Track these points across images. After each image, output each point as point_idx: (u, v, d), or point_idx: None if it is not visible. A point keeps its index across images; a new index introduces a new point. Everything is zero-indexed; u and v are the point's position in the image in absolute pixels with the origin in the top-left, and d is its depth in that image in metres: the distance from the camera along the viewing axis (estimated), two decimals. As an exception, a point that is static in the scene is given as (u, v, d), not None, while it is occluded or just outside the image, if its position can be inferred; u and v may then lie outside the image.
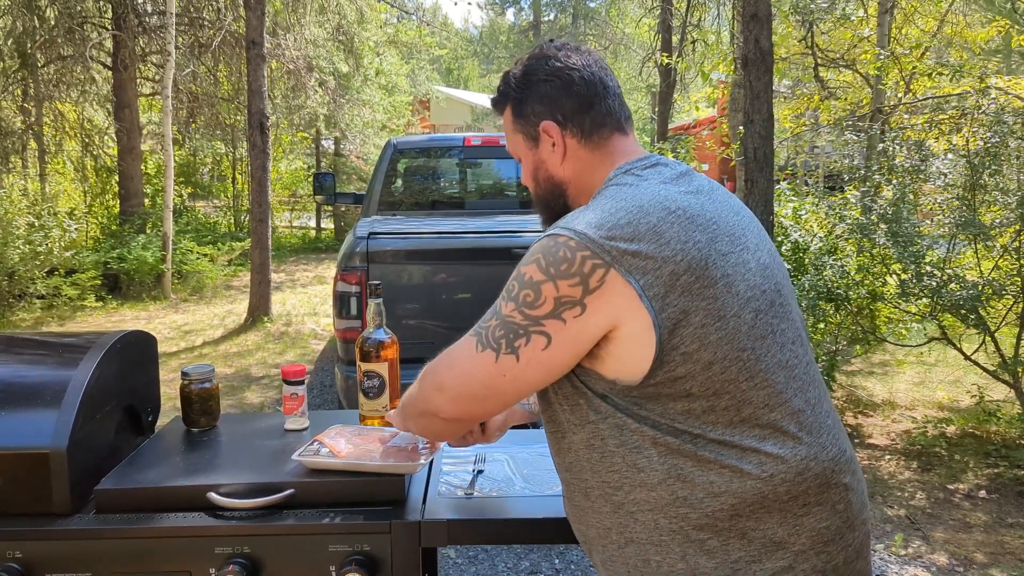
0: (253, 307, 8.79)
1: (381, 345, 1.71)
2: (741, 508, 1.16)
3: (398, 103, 17.61)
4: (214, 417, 1.78)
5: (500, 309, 1.21)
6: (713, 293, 1.16)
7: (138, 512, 1.44)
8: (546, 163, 1.36)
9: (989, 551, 3.48)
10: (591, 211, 1.21)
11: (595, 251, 1.14)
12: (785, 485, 1.17)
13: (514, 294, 1.19)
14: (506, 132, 1.43)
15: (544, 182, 1.38)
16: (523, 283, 1.18)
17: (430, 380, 1.29)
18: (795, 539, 1.17)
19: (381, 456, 1.49)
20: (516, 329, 1.18)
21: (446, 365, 1.26)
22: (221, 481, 1.46)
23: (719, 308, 1.16)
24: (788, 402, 1.20)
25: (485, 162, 5.97)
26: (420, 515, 1.43)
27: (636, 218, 1.17)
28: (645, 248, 1.14)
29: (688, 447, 1.16)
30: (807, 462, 1.19)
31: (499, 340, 1.19)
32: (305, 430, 1.74)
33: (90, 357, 1.55)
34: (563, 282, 1.15)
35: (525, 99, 1.36)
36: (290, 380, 1.75)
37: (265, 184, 8.61)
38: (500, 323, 1.20)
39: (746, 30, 4.97)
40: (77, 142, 12.87)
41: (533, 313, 1.17)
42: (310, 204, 17.14)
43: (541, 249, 1.19)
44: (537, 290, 1.17)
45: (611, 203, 1.21)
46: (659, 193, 1.22)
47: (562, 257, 1.15)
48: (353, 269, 3.73)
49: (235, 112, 13.70)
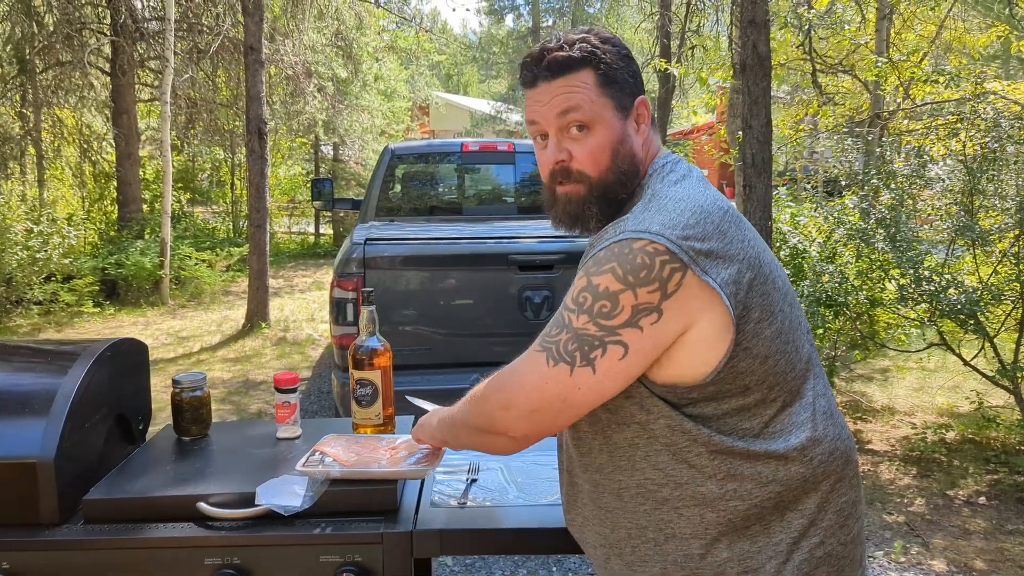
0: (251, 313, 8.77)
1: (374, 353, 1.69)
2: (786, 494, 1.20)
3: (397, 109, 17.62)
4: (205, 425, 1.76)
5: (570, 322, 1.17)
6: (765, 289, 1.19)
7: (127, 522, 1.42)
8: (631, 139, 1.30)
9: (989, 558, 3.46)
10: (657, 212, 1.18)
11: (674, 253, 1.12)
12: (823, 466, 1.22)
13: (587, 306, 1.15)
14: (582, 95, 1.27)
15: (625, 158, 1.29)
16: (598, 294, 1.15)
17: (495, 399, 1.23)
18: (823, 515, 1.22)
19: (389, 462, 1.47)
20: (591, 341, 1.15)
21: (513, 383, 1.21)
22: (211, 491, 1.45)
23: (770, 304, 1.20)
24: (815, 388, 1.26)
25: (483, 168, 5.96)
26: (412, 525, 1.41)
27: (702, 218, 1.17)
28: (716, 247, 1.15)
29: (739, 444, 1.19)
30: (835, 442, 1.25)
31: (572, 353, 1.16)
32: (297, 439, 1.73)
33: (79, 365, 1.54)
34: (642, 289, 1.13)
35: (619, 68, 1.29)
36: (282, 388, 1.73)
37: (263, 190, 8.60)
38: (572, 336, 1.16)
39: (744, 36, 4.96)
40: (75, 148, 12.86)
41: (609, 323, 1.14)
42: (309, 210, 17.13)
43: (615, 257, 1.15)
44: (614, 300, 1.14)
45: (672, 203, 1.19)
46: (708, 193, 1.23)
47: (641, 264, 1.13)
48: (350, 275, 3.71)
49: (234, 118, 13.69)
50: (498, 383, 1.23)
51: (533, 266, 3.79)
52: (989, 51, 10.99)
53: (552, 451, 1.77)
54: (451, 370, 3.77)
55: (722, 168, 16.30)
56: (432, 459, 1.47)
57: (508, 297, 3.77)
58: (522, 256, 3.80)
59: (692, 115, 14.74)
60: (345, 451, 1.51)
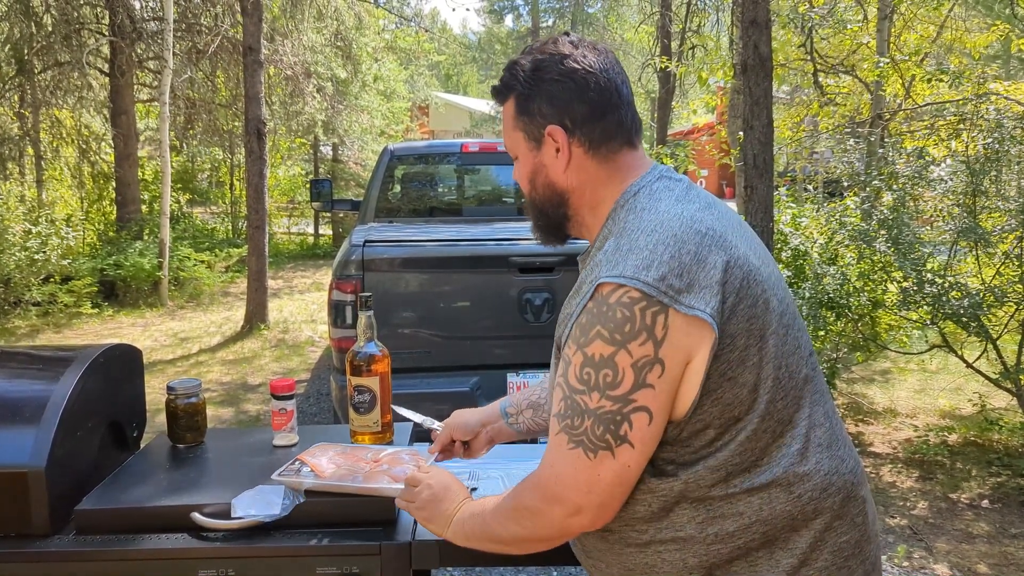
0: (250, 314, 8.74)
1: (372, 359, 1.66)
2: (772, 533, 1.15)
3: (396, 109, 17.58)
4: (201, 433, 1.73)
5: (585, 404, 1.11)
6: (754, 312, 1.13)
7: (119, 533, 1.39)
8: (547, 168, 1.28)
9: (993, 562, 3.43)
10: (629, 252, 1.12)
11: (651, 296, 1.07)
12: (813, 503, 1.16)
13: (593, 382, 1.10)
14: (505, 126, 1.33)
15: (542, 188, 1.30)
16: (596, 365, 1.10)
17: (557, 510, 1.16)
18: (818, 555, 1.16)
19: (366, 477, 1.44)
20: (613, 418, 1.10)
21: (568, 487, 1.14)
22: (206, 500, 1.42)
23: (760, 327, 1.14)
24: (812, 417, 1.19)
25: (483, 169, 5.93)
26: (411, 536, 1.38)
27: (677, 250, 1.11)
28: (695, 278, 1.10)
29: (719, 487, 1.14)
30: (830, 477, 1.17)
31: (604, 438, 1.11)
32: (294, 446, 1.70)
33: (72, 371, 1.51)
34: (633, 344, 1.08)
35: (532, 96, 1.25)
36: (279, 395, 1.70)
37: (262, 190, 8.57)
38: (595, 420, 1.11)
39: (745, 36, 4.93)
40: (74, 148, 12.83)
41: (620, 393, 1.09)
42: (308, 210, 17.09)
43: (597, 320, 1.10)
44: (613, 366, 1.09)
45: (644, 237, 1.13)
46: (683, 215, 1.16)
47: (622, 318, 1.08)
48: (348, 277, 3.68)
49: (233, 118, 13.66)
50: (547, 491, 1.16)
51: (533, 268, 3.76)
52: (989, 51, 10.96)
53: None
54: (451, 373, 3.74)
55: (723, 169, 16.28)
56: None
57: (508, 299, 3.74)
58: (522, 258, 3.77)
59: (692, 115, 14.72)
60: (328, 461, 1.48)
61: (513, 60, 1.31)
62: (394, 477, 1.43)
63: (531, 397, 1.60)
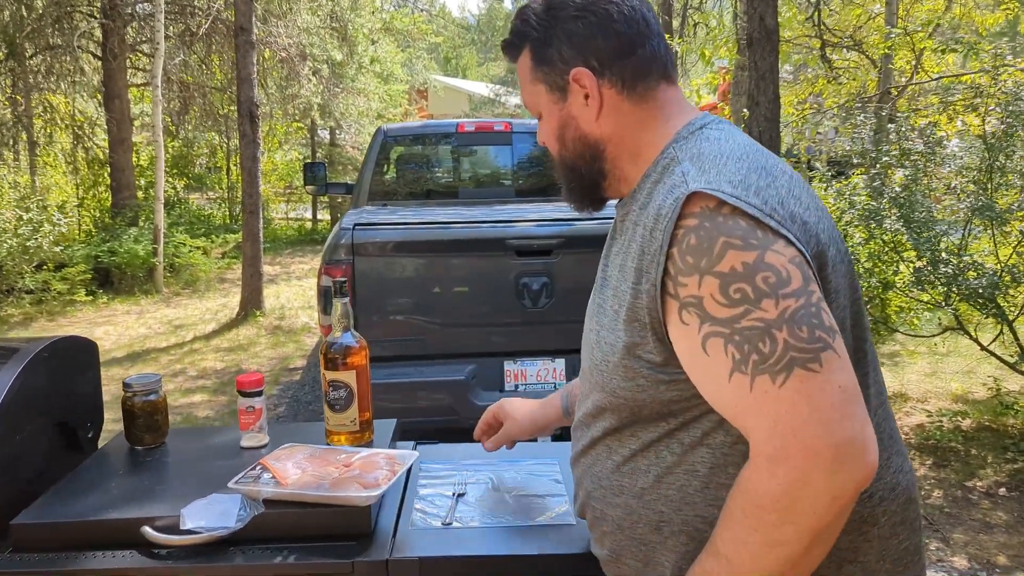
0: (245, 301, 8.60)
1: (348, 351, 1.50)
2: (842, 539, 0.95)
3: (394, 92, 17.35)
4: (161, 433, 1.58)
5: (762, 320, 0.86)
6: (847, 270, 1.00)
7: (61, 551, 1.24)
8: (577, 119, 1.10)
9: (1012, 553, 3.29)
10: (719, 173, 0.94)
11: (759, 219, 0.90)
12: (883, 504, 1.00)
13: (755, 291, 0.86)
14: (522, 82, 1.16)
15: (573, 143, 1.11)
16: (743, 274, 0.87)
17: (820, 478, 0.83)
18: (879, 565, 1.00)
19: (333, 484, 1.28)
20: (808, 312, 0.86)
21: (819, 433, 0.83)
22: (160, 512, 1.26)
23: (853, 287, 1.00)
24: (883, 405, 1.04)
25: (480, 149, 5.76)
26: (388, 552, 1.23)
27: (771, 181, 0.95)
28: (794, 213, 0.94)
29: None
30: (897, 476, 1.02)
31: (816, 335, 0.85)
32: (264, 447, 1.54)
33: (9, 368, 1.35)
34: (777, 246, 0.89)
35: (550, 39, 1.09)
36: (246, 391, 1.54)
37: (256, 174, 8.39)
38: (790, 324, 0.85)
39: (750, 8, 4.75)
40: (68, 134, 12.65)
41: (795, 287, 0.86)
42: (306, 196, 16.92)
43: (716, 232, 0.89)
44: (768, 266, 0.87)
45: (733, 163, 0.96)
46: (769, 154, 1.01)
47: (747, 225, 0.89)
48: (338, 262, 3.52)
49: (228, 102, 13.45)
50: (786, 459, 0.84)
51: (531, 251, 3.60)
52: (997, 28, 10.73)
53: (549, 459, 1.59)
54: (446, 361, 3.58)
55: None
56: (380, 483, 1.28)
57: (505, 284, 3.58)
58: (520, 241, 3.61)
59: (696, 96, 14.48)
60: (294, 466, 1.32)
61: (522, 6, 1.15)
62: (365, 484, 1.26)
63: None
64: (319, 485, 1.26)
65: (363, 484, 1.26)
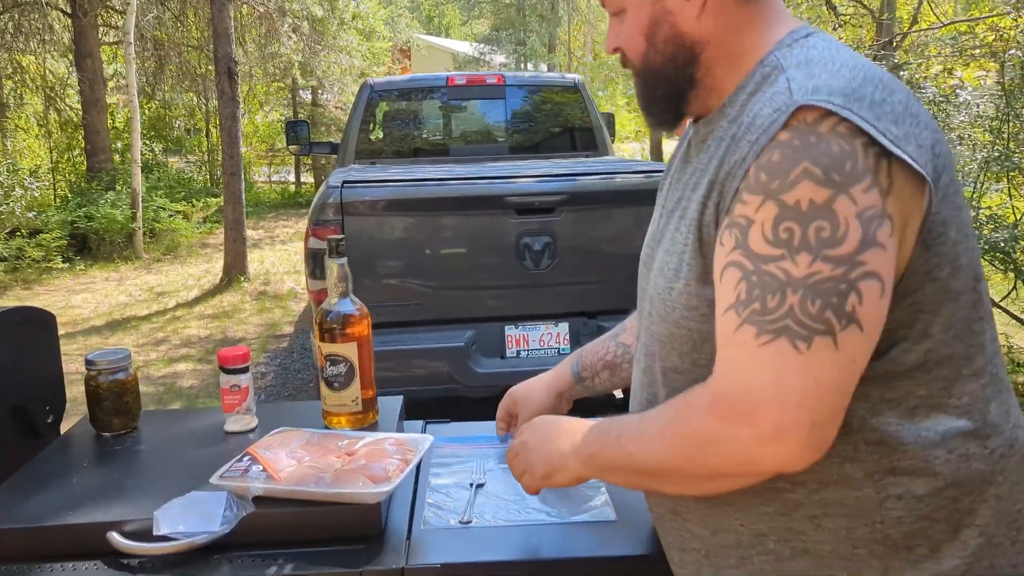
0: (228, 266, 8.34)
1: (347, 320, 1.30)
2: (962, 500, 0.86)
3: (377, 49, 16.89)
4: (132, 417, 1.37)
5: (787, 274, 0.79)
6: (960, 202, 0.86)
7: (12, 562, 1.04)
8: (673, 16, 0.95)
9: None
10: (831, 81, 0.82)
11: (871, 134, 0.79)
12: (1002, 462, 0.88)
13: (799, 240, 0.78)
14: None
15: (664, 44, 0.96)
16: (802, 216, 0.78)
17: (748, 435, 0.80)
18: (997, 529, 0.88)
19: (335, 478, 1.08)
20: (836, 287, 0.78)
21: (768, 402, 0.79)
22: (130, 514, 1.07)
23: (965, 221, 0.87)
24: (998, 351, 0.91)
25: (471, 104, 5.50)
26: (404, 559, 1.04)
27: (887, 95, 0.82)
28: (911, 132, 0.82)
29: (907, 427, 0.84)
30: (1016, 430, 0.91)
31: (823, 317, 0.78)
32: (252, 431, 1.34)
33: (-54, 347, 1.14)
34: (857, 189, 0.78)
35: None
36: (229, 368, 1.34)
37: (236, 135, 8.08)
38: (805, 293, 0.78)
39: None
40: (39, 95, 12.20)
41: (843, 252, 0.77)
42: (289, 158, 16.53)
43: (802, 154, 0.79)
44: (830, 215, 0.78)
45: (846, 71, 0.83)
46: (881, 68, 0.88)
47: (840, 152, 0.78)
48: (326, 223, 3.30)
49: (206, 61, 13.01)
50: (731, 407, 0.81)
51: (532, 209, 3.38)
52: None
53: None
54: (443, 327, 3.38)
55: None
56: (391, 476, 1.08)
57: (505, 244, 3.37)
58: (520, 198, 3.39)
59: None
60: (288, 456, 1.12)
61: None
62: (373, 477, 1.07)
63: (605, 357, 1.29)
64: (319, 479, 1.07)
65: (371, 477, 1.07)
